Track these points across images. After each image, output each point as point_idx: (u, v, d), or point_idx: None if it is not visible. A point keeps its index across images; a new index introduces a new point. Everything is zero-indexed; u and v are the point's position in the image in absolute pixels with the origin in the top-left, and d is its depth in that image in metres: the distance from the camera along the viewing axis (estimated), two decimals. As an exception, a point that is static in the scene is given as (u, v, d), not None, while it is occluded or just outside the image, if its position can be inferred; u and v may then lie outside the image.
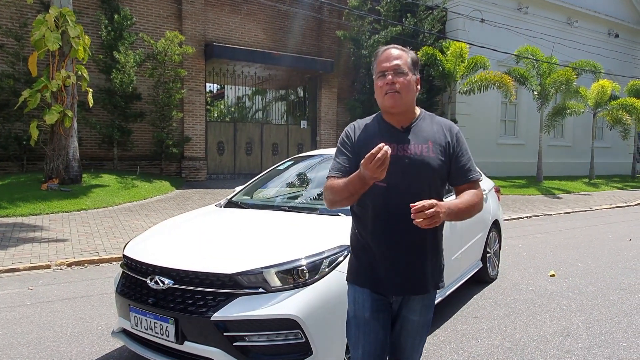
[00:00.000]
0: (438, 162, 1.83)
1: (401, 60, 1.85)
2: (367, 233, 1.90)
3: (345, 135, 1.95)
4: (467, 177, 1.89)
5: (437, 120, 1.94)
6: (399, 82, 1.82)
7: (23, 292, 4.66)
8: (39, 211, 8.10)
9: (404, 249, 1.84)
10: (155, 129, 12.14)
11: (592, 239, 7.76)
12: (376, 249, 1.87)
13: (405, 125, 1.89)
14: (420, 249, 1.86)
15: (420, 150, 1.83)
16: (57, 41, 9.02)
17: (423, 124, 1.90)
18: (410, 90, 1.85)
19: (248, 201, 3.94)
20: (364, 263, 1.92)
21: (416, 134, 1.87)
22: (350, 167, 1.85)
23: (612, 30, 21.21)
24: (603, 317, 4.09)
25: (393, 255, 1.85)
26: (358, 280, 1.95)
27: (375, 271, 1.89)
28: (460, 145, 1.90)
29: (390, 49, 1.88)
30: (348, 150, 1.90)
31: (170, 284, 2.57)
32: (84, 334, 3.63)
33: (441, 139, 1.87)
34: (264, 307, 2.42)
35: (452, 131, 1.91)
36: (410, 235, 1.81)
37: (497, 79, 14.48)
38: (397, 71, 1.83)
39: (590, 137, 18.65)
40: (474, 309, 4.26)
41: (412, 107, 1.91)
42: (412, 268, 1.86)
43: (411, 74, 1.86)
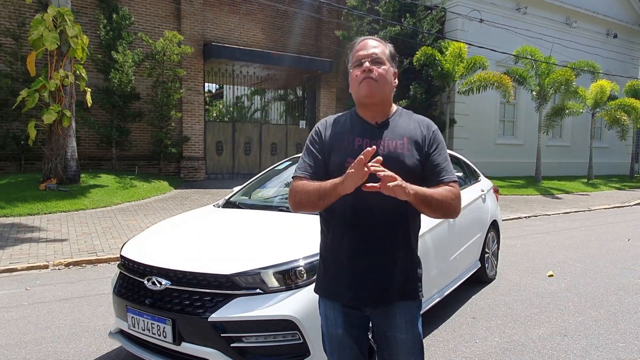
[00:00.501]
0: (413, 159, 1.69)
1: (379, 50, 1.74)
2: (334, 238, 1.75)
3: (315, 132, 1.80)
4: (439, 178, 1.70)
5: (414, 117, 1.81)
6: (376, 71, 1.69)
7: (20, 293, 4.65)
8: (37, 211, 8.09)
9: (373, 256, 1.70)
10: (153, 128, 12.12)
11: (591, 239, 7.77)
12: (343, 256, 1.72)
13: (380, 120, 1.75)
14: (391, 255, 1.71)
15: (395, 147, 1.69)
16: (56, 41, 9.00)
17: (399, 120, 1.77)
18: (388, 82, 1.73)
19: (246, 201, 3.93)
20: (332, 273, 1.77)
21: (391, 130, 1.73)
22: (317, 167, 1.73)
23: (610, 31, 21.24)
24: (601, 317, 4.09)
25: (361, 263, 1.70)
26: (327, 293, 1.80)
27: (343, 282, 1.73)
28: (437, 144, 1.75)
29: (368, 39, 1.77)
30: (316, 149, 1.76)
31: (167, 284, 2.57)
32: (81, 335, 3.62)
33: (417, 135, 1.73)
34: (261, 307, 2.41)
35: (429, 128, 1.78)
36: (380, 240, 1.69)
37: (496, 79, 14.50)
38: (375, 59, 1.71)
39: (589, 137, 18.67)
40: (472, 310, 4.26)
41: (388, 101, 1.77)
42: (383, 276, 1.71)
43: (389, 65, 1.74)
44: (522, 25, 17.64)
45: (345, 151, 1.70)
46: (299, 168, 1.75)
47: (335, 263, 1.76)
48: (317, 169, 1.72)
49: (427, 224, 3.46)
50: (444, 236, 3.85)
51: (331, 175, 1.69)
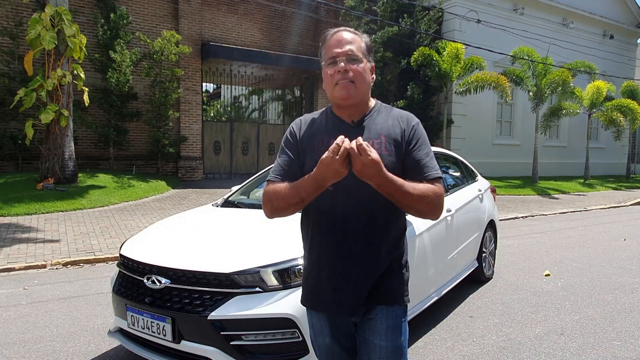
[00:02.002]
0: (391, 159, 1.57)
1: (354, 45, 1.60)
2: (312, 246, 1.67)
3: (289, 132, 1.71)
4: (422, 174, 1.58)
5: (394, 113, 1.69)
6: (352, 70, 1.57)
7: (19, 292, 4.65)
8: (35, 211, 8.07)
9: (350, 263, 1.60)
10: (151, 128, 12.11)
11: (587, 239, 7.81)
12: (322, 266, 1.63)
13: (357, 119, 1.65)
14: (369, 261, 1.61)
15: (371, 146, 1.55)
16: (53, 40, 8.99)
17: (378, 117, 1.66)
18: (365, 80, 1.61)
19: (245, 201, 3.95)
20: (311, 284, 1.69)
21: (369, 129, 1.62)
22: (290, 169, 1.63)
23: (607, 32, 21.33)
24: (597, 316, 4.12)
25: (339, 272, 1.61)
26: (311, 303, 1.72)
27: (324, 292, 1.65)
28: (417, 138, 1.63)
29: (341, 31, 1.63)
30: (290, 150, 1.67)
31: (167, 283, 2.58)
32: (80, 334, 3.63)
33: (396, 132, 1.62)
34: (260, 306, 2.43)
35: (409, 122, 1.65)
36: (360, 243, 1.59)
37: (493, 80, 14.54)
38: (350, 57, 1.58)
39: (585, 138, 18.75)
40: (469, 308, 4.28)
41: (366, 99, 1.66)
42: (362, 284, 1.60)
43: (366, 61, 1.62)
44: (519, 25, 17.70)
45: (319, 153, 1.55)
46: (273, 171, 1.66)
47: (313, 273, 1.68)
48: (292, 172, 1.63)
49: (425, 224, 3.49)
50: (442, 235, 3.88)
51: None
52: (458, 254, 4.26)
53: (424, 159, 1.60)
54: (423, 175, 1.58)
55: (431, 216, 1.56)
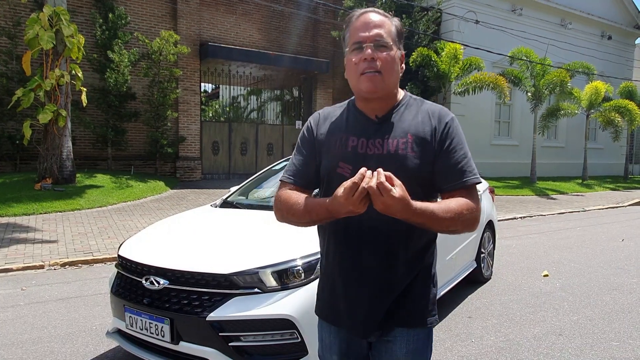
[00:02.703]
0: (417, 161, 1.37)
1: (384, 29, 1.40)
2: (329, 252, 1.51)
3: (307, 127, 1.54)
4: (457, 180, 1.37)
5: (425, 107, 1.47)
6: (380, 59, 1.37)
7: (16, 293, 4.63)
8: (32, 211, 8.05)
9: (368, 275, 1.42)
10: (149, 128, 12.10)
11: (585, 240, 7.82)
12: (338, 274, 1.48)
13: (381, 114, 1.45)
14: (390, 276, 1.42)
15: (396, 147, 1.38)
16: (51, 40, 8.97)
17: (405, 112, 1.45)
18: (394, 71, 1.41)
19: (243, 201, 3.94)
20: (327, 293, 1.54)
21: (394, 126, 1.42)
22: (305, 170, 1.49)
23: (605, 32, 21.37)
24: (596, 316, 4.12)
25: (355, 282, 1.44)
26: (323, 313, 1.57)
27: (337, 304, 1.50)
28: (452, 138, 1.41)
29: (369, 13, 1.43)
30: (306, 148, 1.50)
31: (165, 284, 2.57)
32: (78, 335, 3.62)
33: (425, 131, 1.40)
34: (259, 307, 2.42)
35: (441, 119, 1.43)
36: (378, 257, 1.41)
37: (492, 80, 14.56)
38: (379, 43, 1.38)
39: (584, 139, 18.78)
40: (468, 309, 4.28)
41: (393, 91, 1.46)
42: (380, 298, 1.42)
43: (395, 48, 1.42)
44: (518, 26, 17.72)
45: (336, 153, 1.43)
46: (286, 170, 1.53)
47: (328, 283, 1.53)
48: (307, 173, 1.49)
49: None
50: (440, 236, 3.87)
51: (322, 180, 1.48)
52: (457, 255, 4.26)
53: (460, 162, 1.39)
54: (458, 181, 1.38)
55: (468, 231, 1.40)
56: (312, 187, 1.53)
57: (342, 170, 1.41)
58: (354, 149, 1.42)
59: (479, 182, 1.40)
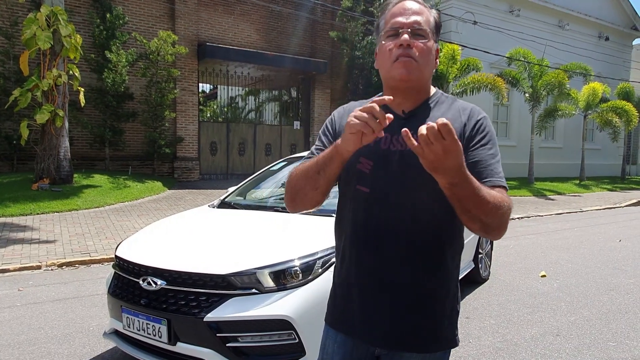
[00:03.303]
0: None
1: (422, 17, 1.32)
2: (345, 259, 1.40)
3: (329, 120, 1.49)
4: (485, 178, 1.25)
5: (456, 105, 1.38)
6: (417, 47, 1.28)
7: (13, 293, 4.62)
8: (30, 211, 8.03)
9: (389, 284, 1.31)
10: (147, 128, 12.08)
11: (582, 240, 7.84)
12: (354, 281, 1.37)
13: (409, 109, 1.35)
14: (414, 285, 1.31)
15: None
16: (49, 40, 8.95)
17: (435, 108, 1.36)
18: (430, 63, 1.32)
19: (241, 202, 3.94)
20: (340, 299, 1.44)
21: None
22: None
23: (602, 33, 21.44)
24: (593, 317, 4.13)
25: (374, 292, 1.33)
26: (332, 320, 1.46)
27: (351, 311, 1.38)
28: (482, 135, 1.31)
29: (407, 0, 1.34)
30: (326, 140, 1.44)
31: (162, 284, 2.57)
32: (75, 335, 3.61)
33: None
34: (257, 307, 2.42)
35: (472, 116, 1.34)
36: (400, 265, 1.30)
37: (490, 81, 14.58)
38: (416, 31, 1.30)
39: (581, 139, 18.84)
40: (466, 310, 4.28)
41: (426, 86, 1.37)
42: (401, 312, 1.31)
43: (432, 40, 1.33)
44: (515, 27, 17.76)
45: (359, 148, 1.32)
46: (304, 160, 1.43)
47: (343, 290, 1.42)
48: None
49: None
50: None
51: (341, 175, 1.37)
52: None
53: (489, 160, 1.28)
54: (486, 179, 1.25)
55: (496, 235, 1.23)
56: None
57: (362, 166, 1.33)
58: (376, 144, 1.31)
59: (506, 187, 1.27)
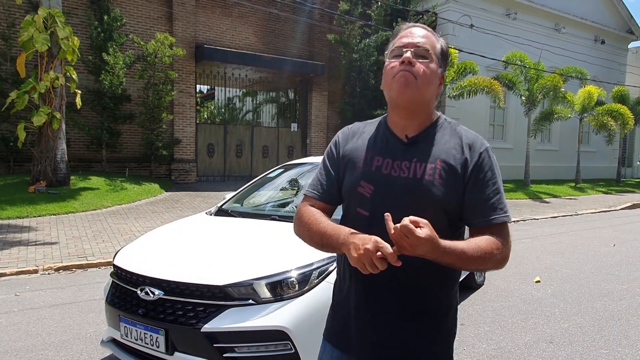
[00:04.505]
0: (443, 190, 1.29)
1: (428, 41, 1.36)
2: (346, 279, 1.43)
3: (334, 142, 1.50)
4: (487, 217, 1.29)
5: (458, 132, 1.38)
6: (418, 66, 1.31)
7: (10, 298, 4.63)
8: (26, 214, 8.03)
9: (386, 303, 1.35)
10: (144, 130, 12.08)
11: (577, 245, 7.90)
12: (353, 302, 1.40)
13: (412, 134, 1.37)
14: (410, 305, 1.34)
15: (423, 172, 1.30)
16: (46, 42, 8.95)
17: (438, 135, 1.37)
18: (431, 84, 1.33)
19: (238, 209, 3.96)
20: (339, 316, 1.47)
21: (424, 148, 1.34)
22: (330, 186, 1.45)
23: (598, 37, 21.56)
24: (586, 324, 4.18)
25: (371, 310, 1.36)
26: (329, 337, 1.50)
27: (348, 328, 1.42)
28: (484, 171, 1.32)
29: (416, 26, 1.40)
30: (331, 164, 1.47)
31: (160, 294, 2.59)
32: (72, 342, 3.62)
33: (456, 159, 1.32)
34: (253, 318, 2.44)
35: (474, 148, 1.34)
36: (397, 285, 1.32)
37: (486, 85, 14.64)
38: (420, 52, 1.33)
39: (577, 142, 18.94)
40: (461, 316, 4.31)
41: (427, 109, 1.37)
42: (397, 331, 1.34)
43: (437, 65, 1.36)
44: (512, 30, 17.85)
45: (360, 171, 1.38)
46: (310, 184, 1.49)
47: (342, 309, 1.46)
48: (330, 189, 1.45)
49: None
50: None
51: (344, 197, 1.44)
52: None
53: (491, 197, 1.30)
54: (488, 218, 1.29)
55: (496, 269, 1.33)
56: (336, 203, 1.49)
57: (363, 189, 1.36)
58: (378, 169, 1.36)
59: (509, 221, 1.32)
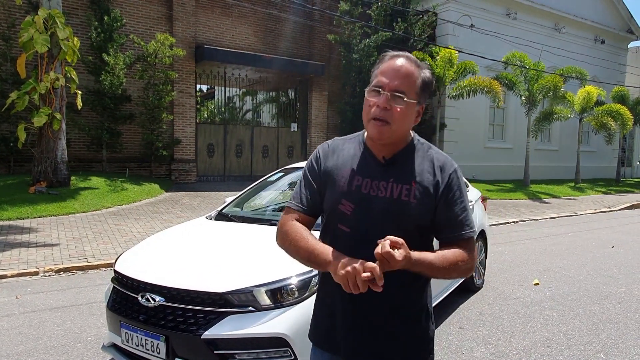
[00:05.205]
0: (419, 209, 1.42)
1: (408, 81, 1.42)
2: (327, 285, 1.52)
3: (315, 157, 1.58)
4: (454, 233, 1.44)
5: (430, 154, 1.51)
6: (393, 110, 1.40)
7: (11, 301, 4.65)
8: (27, 215, 8.05)
9: (367, 310, 1.46)
10: (144, 131, 12.09)
11: (576, 246, 7.92)
12: (337, 307, 1.51)
13: (389, 156, 1.48)
14: (389, 311, 1.47)
15: (399, 193, 1.43)
16: (46, 43, 8.95)
17: (412, 157, 1.49)
18: (404, 123, 1.44)
19: (238, 213, 3.98)
20: (324, 319, 1.58)
21: (400, 170, 1.47)
22: (313, 200, 1.54)
23: (598, 37, 21.58)
24: (584, 327, 4.20)
25: (354, 315, 1.48)
26: (316, 340, 1.61)
27: (334, 331, 1.53)
28: (453, 191, 1.46)
29: (402, 58, 1.44)
30: (313, 179, 1.55)
31: (161, 301, 2.61)
32: (73, 346, 3.65)
33: (429, 180, 1.45)
34: (253, 325, 2.47)
35: (444, 170, 1.47)
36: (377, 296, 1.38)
37: (486, 85, 14.67)
38: (397, 94, 1.40)
39: (576, 142, 18.97)
40: (459, 319, 4.35)
41: (402, 138, 1.49)
42: (379, 334, 1.47)
43: (414, 102, 1.43)
44: (512, 30, 17.86)
45: (340, 190, 1.48)
46: (293, 197, 1.56)
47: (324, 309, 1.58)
48: (313, 202, 1.54)
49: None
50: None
51: (325, 211, 1.53)
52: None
53: (459, 215, 1.45)
54: (455, 234, 1.45)
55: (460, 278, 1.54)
56: (317, 215, 1.58)
57: (344, 207, 1.46)
58: (357, 188, 1.46)
59: (473, 237, 1.46)
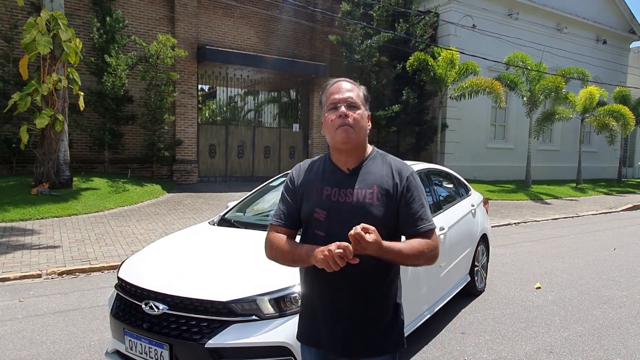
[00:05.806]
0: (382, 210, 1.65)
1: (354, 93, 1.72)
2: (308, 284, 1.78)
3: (289, 178, 1.83)
4: (416, 227, 1.67)
5: (388, 161, 1.77)
6: (352, 116, 1.68)
7: (15, 304, 4.67)
8: (29, 216, 8.07)
9: (345, 305, 1.69)
10: (146, 131, 12.10)
11: (578, 248, 7.92)
12: (317, 303, 1.75)
13: (352, 166, 1.73)
14: (364, 304, 1.70)
15: (364, 197, 1.66)
16: (49, 45, 8.96)
17: (372, 165, 1.74)
18: (363, 127, 1.71)
19: (241, 219, 3.98)
20: (308, 317, 1.80)
21: (363, 177, 1.70)
22: (291, 215, 1.77)
23: (600, 37, 21.53)
24: (586, 332, 4.21)
25: (334, 311, 1.71)
26: (303, 338, 1.83)
27: (318, 328, 1.76)
28: (411, 191, 1.70)
29: (341, 81, 1.77)
30: (289, 196, 1.79)
31: (165, 309, 2.62)
32: (77, 351, 3.66)
33: (388, 183, 1.69)
34: (257, 334, 2.48)
35: (402, 174, 1.72)
36: (352, 290, 1.68)
37: (488, 85, 14.65)
38: (350, 104, 1.69)
39: (578, 142, 18.94)
40: (461, 324, 4.35)
41: (363, 145, 1.75)
42: (356, 326, 1.70)
43: (364, 109, 1.73)
44: (514, 30, 17.84)
45: (314, 200, 1.71)
46: (275, 215, 1.80)
47: (308, 309, 1.80)
48: (292, 216, 1.77)
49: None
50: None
51: (303, 221, 1.77)
52: (451, 270, 4.33)
53: (418, 211, 1.69)
54: (417, 228, 1.68)
55: (427, 265, 1.71)
56: (297, 228, 1.81)
57: (318, 215, 1.70)
58: (328, 197, 1.70)
59: (433, 229, 1.70)
